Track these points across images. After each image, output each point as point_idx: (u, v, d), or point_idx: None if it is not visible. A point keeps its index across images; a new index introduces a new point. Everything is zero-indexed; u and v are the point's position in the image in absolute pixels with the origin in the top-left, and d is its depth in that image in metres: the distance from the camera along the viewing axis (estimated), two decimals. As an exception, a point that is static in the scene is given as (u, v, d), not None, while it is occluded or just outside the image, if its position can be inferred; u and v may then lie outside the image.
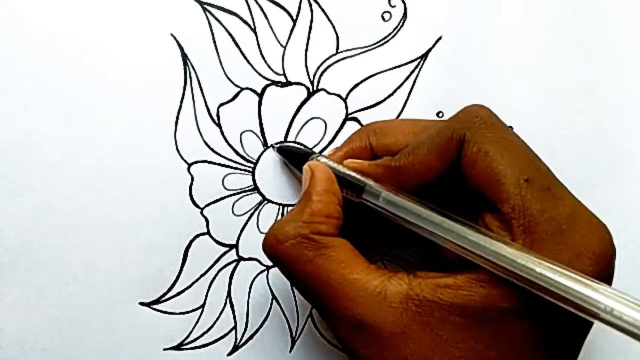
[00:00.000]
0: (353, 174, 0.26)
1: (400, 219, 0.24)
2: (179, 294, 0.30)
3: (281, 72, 0.29)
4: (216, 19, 0.28)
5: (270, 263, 0.31)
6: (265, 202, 0.30)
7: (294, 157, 0.29)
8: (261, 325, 0.31)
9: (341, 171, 0.26)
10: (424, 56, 0.31)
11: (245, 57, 0.29)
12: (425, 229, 0.23)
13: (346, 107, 0.30)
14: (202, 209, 0.29)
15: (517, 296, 0.21)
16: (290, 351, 0.31)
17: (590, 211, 0.23)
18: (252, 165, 0.30)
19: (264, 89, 0.29)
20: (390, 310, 0.22)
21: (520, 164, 0.23)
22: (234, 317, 0.31)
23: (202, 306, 0.30)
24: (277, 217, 0.31)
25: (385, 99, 0.31)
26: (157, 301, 0.29)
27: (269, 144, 0.30)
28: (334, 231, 0.25)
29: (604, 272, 0.22)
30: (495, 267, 0.21)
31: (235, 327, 0.31)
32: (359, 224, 0.27)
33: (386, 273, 0.23)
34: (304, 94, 0.30)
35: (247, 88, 0.29)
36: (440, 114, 0.31)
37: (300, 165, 0.28)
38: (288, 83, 0.30)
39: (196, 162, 0.29)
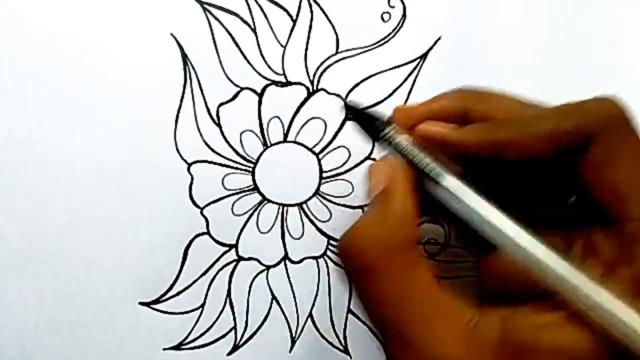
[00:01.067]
0: (433, 165, 0.22)
1: (478, 228, 0.21)
2: (178, 293, 0.30)
3: (281, 72, 0.29)
4: (216, 19, 0.28)
5: (270, 263, 0.31)
6: (265, 202, 0.30)
7: (364, 120, 0.25)
8: (261, 325, 0.31)
9: (420, 161, 0.22)
10: (424, 56, 0.31)
11: (245, 57, 0.29)
12: (511, 252, 0.21)
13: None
14: (202, 209, 0.29)
15: None
16: (290, 351, 0.31)
17: None
18: (252, 165, 0.30)
19: (264, 89, 0.29)
20: (484, 353, 0.19)
21: None
22: (234, 317, 0.31)
23: (202, 306, 0.30)
24: (276, 216, 0.30)
25: (385, 99, 0.31)
26: (157, 301, 0.29)
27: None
28: (417, 237, 0.22)
29: None
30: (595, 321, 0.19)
31: (235, 327, 0.31)
32: None
33: (474, 306, 0.21)
34: (304, 94, 0.30)
35: (247, 88, 0.29)
36: (440, 114, 0.31)
37: (369, 131, 0.24)
38: (288, 83, 0.30)
39: (196, 162, 0.29)
